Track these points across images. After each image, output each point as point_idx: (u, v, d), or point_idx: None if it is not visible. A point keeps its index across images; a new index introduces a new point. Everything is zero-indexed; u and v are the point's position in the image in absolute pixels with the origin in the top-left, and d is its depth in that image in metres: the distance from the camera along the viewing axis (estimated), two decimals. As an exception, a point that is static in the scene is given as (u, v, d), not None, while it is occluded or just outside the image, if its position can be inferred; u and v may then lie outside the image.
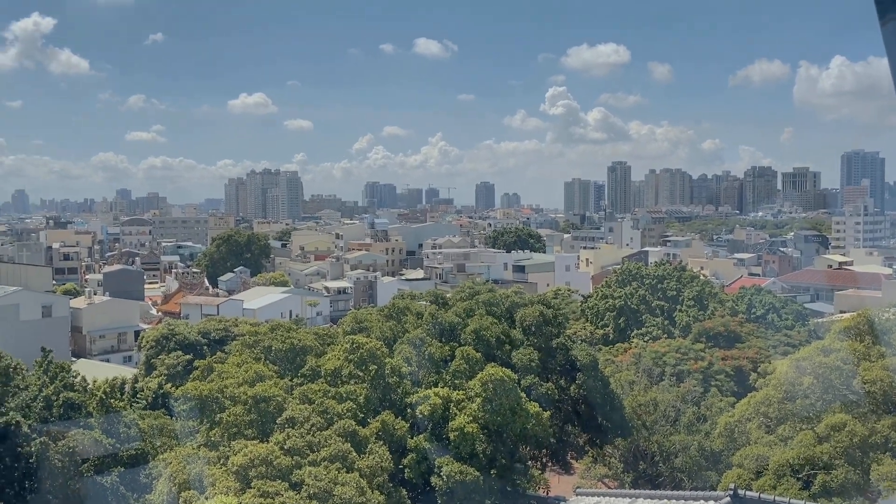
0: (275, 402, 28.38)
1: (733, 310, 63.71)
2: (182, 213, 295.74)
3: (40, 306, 71.52)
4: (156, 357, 55.88)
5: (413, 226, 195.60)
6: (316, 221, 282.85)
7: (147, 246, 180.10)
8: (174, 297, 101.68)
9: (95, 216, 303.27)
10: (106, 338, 79.30)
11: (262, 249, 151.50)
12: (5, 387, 31.32)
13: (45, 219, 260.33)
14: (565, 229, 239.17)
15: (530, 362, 33.68)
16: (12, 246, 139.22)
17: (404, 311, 41.49)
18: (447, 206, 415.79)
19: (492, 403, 29.60)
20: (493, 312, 38.08)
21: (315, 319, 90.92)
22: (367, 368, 31.33)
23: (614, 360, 49.70)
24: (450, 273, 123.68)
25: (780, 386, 31.73)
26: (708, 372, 50.33)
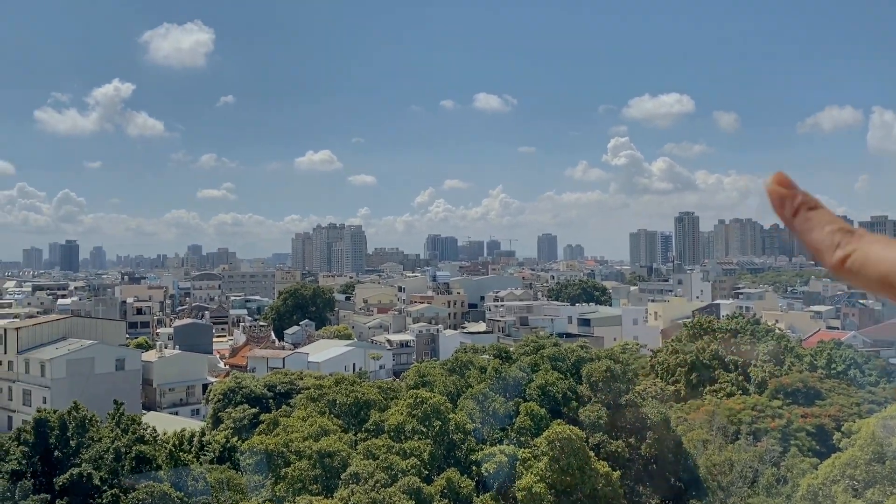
0: (339, 457, 28.18)
1: (812, 365, 60.90)
2: (250, 268, 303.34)
3: (114, 359, 73.62)
4: (223, 410, 56.53)
5: (474, 278, 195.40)
6: (379, 274, 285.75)
7: (216, 300, 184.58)
8: (241, 350, 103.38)
9: (168, 271, 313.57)
10: (175, 391, 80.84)
11: (326, 303, 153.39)
12: (81, 438, 32.03)
13: (121, 274, 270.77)
14: (632, 281, 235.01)
15: (598, 419, 32.71)
16: (89, 301, 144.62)
17: (467, 365, 41.06)
18: (509, 258, 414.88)
19: (559, 462, 28.73)
20: (559, 367, 37.30)
21: (378, 373, 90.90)
22: (431, 424, 30.91)
23: (686, 418, 47.84)
24: (512, 326, 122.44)
25: (868, 446, 29.91)
26: (787, 430, 47.89)
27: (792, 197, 1.38)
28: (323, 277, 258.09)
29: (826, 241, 1.31)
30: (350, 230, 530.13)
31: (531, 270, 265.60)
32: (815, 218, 1.35)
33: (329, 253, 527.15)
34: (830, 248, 1.29)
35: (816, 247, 1.32)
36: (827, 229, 1.32)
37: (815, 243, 1.33)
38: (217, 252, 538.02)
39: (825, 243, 1.30)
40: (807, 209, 1.37)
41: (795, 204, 1.37)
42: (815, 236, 1.32)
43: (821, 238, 1.31)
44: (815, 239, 1.33)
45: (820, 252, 1.32)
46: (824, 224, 1.33)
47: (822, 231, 1.32)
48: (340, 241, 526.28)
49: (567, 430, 29.04)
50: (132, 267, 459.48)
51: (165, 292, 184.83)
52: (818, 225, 1.34)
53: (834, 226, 1.33)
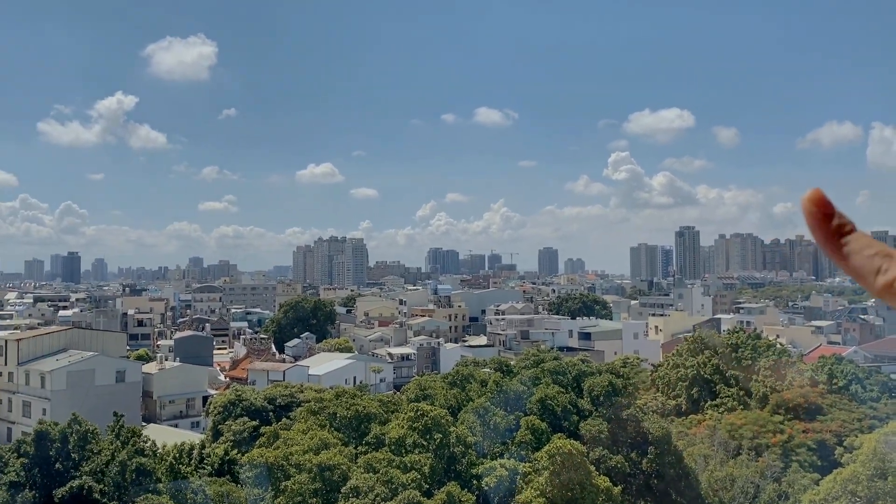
0: (339, 470, 28.13)
1: (813, 380, 60.75)
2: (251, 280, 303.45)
3: (115, 371, 73.57)
4: (223, 423, 56.41)
5: (476, 292, 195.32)
6: (380, 287, 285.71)
7: (217, 312, 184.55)
8: (242, 362, 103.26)
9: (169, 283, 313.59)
10: (175, 403, 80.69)
11: (327, 315, 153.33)
12: (81, 451, 32.00)
13: (122, 286, 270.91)
14: (632, 295, 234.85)
15: (599, 434, 32.67)
16: (90, 312, 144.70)
17: (468, 379, 41.04)
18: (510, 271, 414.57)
19: (560, 477, 28.67)
20: (560, 381, 37.29)
21: (378, 386, 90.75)
22: (432, 437, 30.87)
23: (687, 433, 47.72)
24: (513, 340, 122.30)
25: (870, 462, 29.84)
26: (788, 446, 47.75)
27: (829, 219, 1.35)
28: (324, 290, 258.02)
29: (867, 267, 1.29)
30: (351, 243, 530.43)
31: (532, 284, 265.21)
32: (853, 242, 1.32)
33: (330, 266, 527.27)
34: (872, 274, 1.28)
35: (858, 272, 1.31)
36: (867, 253, 1.30)
37: (856, 268, 1.31)
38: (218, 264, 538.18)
39: (866, 269, 1.29)
40: (842, 234, 1.34)
41: (833, 227, 1.34)
42: (855, 261, 1.31)
43: (861, 263, 1.30)
44: (855, 264, 1.31)
45: (862, 278, 1.31)
46: (863, 248, 1.32)
47: (862, 256, 1.30)
48: (342, 254, 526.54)
49: (568, 445, 28.99)
50: (133, 279, 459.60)
51: (166, 304, 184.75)
52: (857, 250, 1.32)
53: (873, 249, 1.31)
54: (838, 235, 1.33)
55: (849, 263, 1.31)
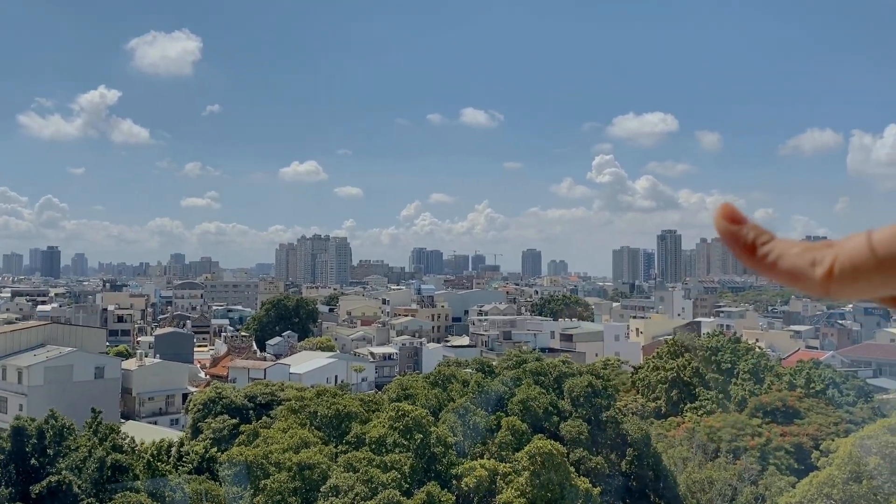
0: (319, 469, 28.07)
1: (791, 384, 61.40)
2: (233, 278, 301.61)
3: (93, 367, 72.89)
4: (202, 420, 56.06)
5: (459, 292, 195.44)
6: (363, 287, 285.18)
7: (198, 309, 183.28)
8: (222, 360, 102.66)
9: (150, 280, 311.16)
10: (154, 400, 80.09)
11: (309, 314, 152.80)
12: (58, 447, 31.71)
13: (102, 281, 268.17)
14: (614, 298, 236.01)
15: (579, 435, 32.83)
16: (70, 308, 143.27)
17: (450, 379, 41.09)
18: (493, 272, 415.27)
19: (539, 478, 28.78)
20: (541, 382, 37.43)
21: (360, 385, 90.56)
22: (413, 437, 30.89)
23: (667, 435, 48.06)
24: (496, 340, 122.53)
25: (845, 466, 30.21)
26: (766, 449, 48.22)
27: (744, 232, 1.23)
28: (307, 289, 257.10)
29: (800, 264, 1.15)
30: (335, 242, 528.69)
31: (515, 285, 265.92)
32: (777, 248, 1.20)
33: (313, 264, 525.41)
34: (809, 268, 1.13)
35: (791, 273, 1.17)
36: (794, 251, 1.17)
37: (789, 272, 1.17)
38: (200, 261, 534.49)
39: (800, 266, 1.15)
40: (762, 243, 1.22)
41: (749, 240, 1.21)
42: (785, 264, 1.17)
43: (793, 263, 1.16)
44: (786, 267, 1.17)
45: (799, 277, 1.17)
46: (789, 249, 1.19)
47: (791, 256, 1.17)
48: (325, 253, 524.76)
49: (548, 446, 29.11)
50: (114, 274, 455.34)
51: (147, 301, 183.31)
52: (783, 253, 1.19)
53: (799, 247, 1.18)
54: (757, 246, 1.22)
55: (778, 268, 1.18)
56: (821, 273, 1.13)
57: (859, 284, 1.10)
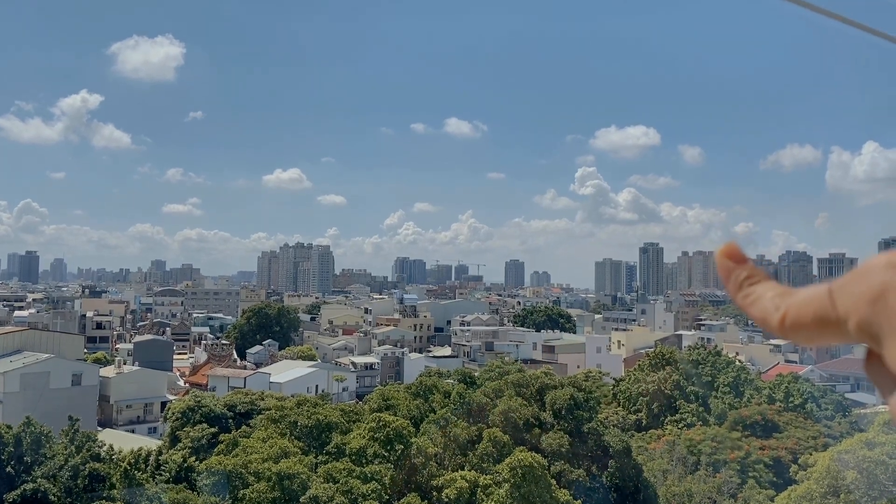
0: (299, 479, 27.88)
1: (770, 397, 61.89)
2: (214, 285, 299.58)
3: (71, 374, 72.04)
4: (181, 429, 55.50)
5: (442, 302, 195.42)
6: (346, 295, 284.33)
7: (178, 317, 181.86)
8: (202, 368, 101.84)
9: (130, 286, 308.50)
10: (133, 408, 79.26)
11: (291, 322, 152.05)
12: (34, 454, 31.27)
13: (81, 287, 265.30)
14: (596, 310, 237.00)
15: (560, 447, 32.85)
16: (48, 313, 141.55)
17: (431, 390, 41.01)
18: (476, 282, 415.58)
19: (520, 490, 28.76)
20: (523, 394, 37.44)
21: (341, 395, 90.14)
22: (393, 448, 30.77)
23: (647, 448, 48.22)
24: (478, 351, 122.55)
25: (823, 480, 30.45)
26: (745, 462, 48.51)
27: (738, 272, 1.39)
28: (288, 297, 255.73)
29: (766, 309, 1.30)
30: (318, 250, 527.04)
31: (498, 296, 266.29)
32: (757, 291, 1.35)
33: (296, 272, 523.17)
34: (770, 314, 1.29)
35: (760, 317, 1.32)
36: (768, 296, 1.32)
37: (758, 314, 1.33)
38: (181, 268, 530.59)
39: (766, 311, 1.30)
40: (749, 284, 1.37)
41: (740, 280, 1.37)
42: (757, 307, 1.32)
43: (762, 307, 1.31)
44: (757, 309, 1.33)
45: (762, 321, 1.31)
46: (766, 293, 1.33)
47: (763, 300, 1.32)
48: (308, 261, 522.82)
49: (529, 458, 29.10)
50: (94, 280, 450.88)
51: (127, 307, 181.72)
52: (760, 298, 1.33)
53: (773, 291, 1.33)
54: (746, 286, 1.38)
55: (752, 312, 1.34)
56: (775, 320, 1.28)
57: (803, 334, 1.25)
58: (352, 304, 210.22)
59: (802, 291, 1.26)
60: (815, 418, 59.51)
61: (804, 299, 1.25)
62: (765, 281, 1.36)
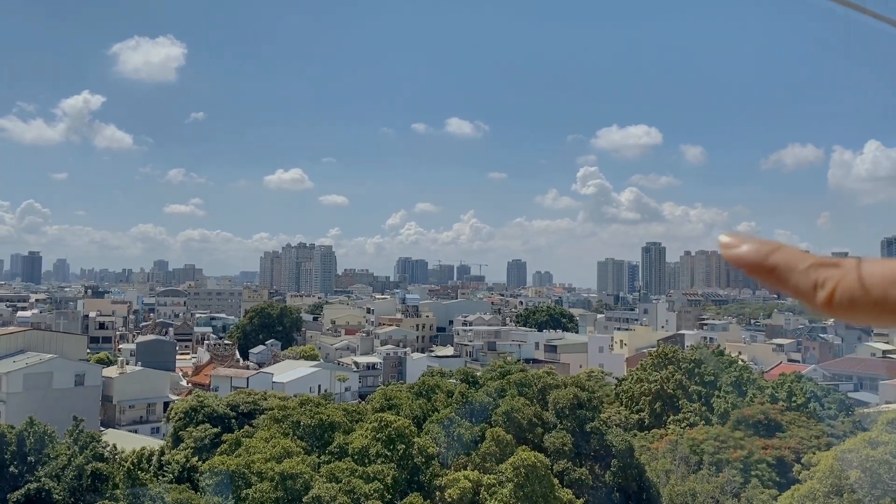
0: (301, 479, 27.89)
1: (773, 397, 61.77)
2: (217, 285, 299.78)
3: (73, 375, 72.14)
4: (183, 429, 55.57)
5: (444, 302, 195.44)
6: (348, 295, 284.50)
7: (181, 317, 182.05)
8: (205, 368, 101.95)
9: (132, 286, 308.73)
10: (135, 408, 79.36)
11: (293, 322, 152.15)
12: (38, 454, 31.33)
13: (84, 288, 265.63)
14: (598, 309, 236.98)
15: (563, 446, 32.83)
16: (50, 314, 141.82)
17: (434, 389, 41.00)
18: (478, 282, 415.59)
19: (523, 489, 28.75)
20: (525, 393, 37.43)
21: (344, 395, 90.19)
22: (396, 448, 30.77)
23: (650, 447, 48.18)
24: (480, 351, 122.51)
25: (826, 479, 30.41)
26: (748, 461, 48.44)
27: (748, 251, 1.22)
28: (291, 297, 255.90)
29: (803, 283, 1.15)
30: (320, 250, 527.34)
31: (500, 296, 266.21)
32: (782, 262, 1.19)
33: (298, 272, 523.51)
34: (811, 289, 1.14)
35: (797, 292, 1.16)
36: (801, 268, 1.16)
37: (794, 289, 1.17)
38: (183, 268, 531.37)
39: (803, 286, 1.15)
40: (768, 256, 1.21)
41: (758, 256, 1.21)
42: (791, 281, 1.17)
43: (797, 281, 1.16)
44: (792, 284, 1.17)
45: (802, 296, 1.16)
46: (797, 264, 1.18)
47: (797, 273, 1.17)
48: (310, 261, 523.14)
49: (532, 457, 29.10)
50: (96, 281, 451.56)
51: (129, 307, 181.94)
52: (789, 268, 1.18)
53: (806, 262, 1.17)
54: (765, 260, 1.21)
55: (789, 284, 1.18)
56: (822, 297, 1.13)
57: (858, 315, 1.11)
58: (354, 304, 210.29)
59: (857, 268, 1.11)
60: (818, 417, 59.42)
61: (868, 277, 1.09)
62: (784, 248, 1.22)
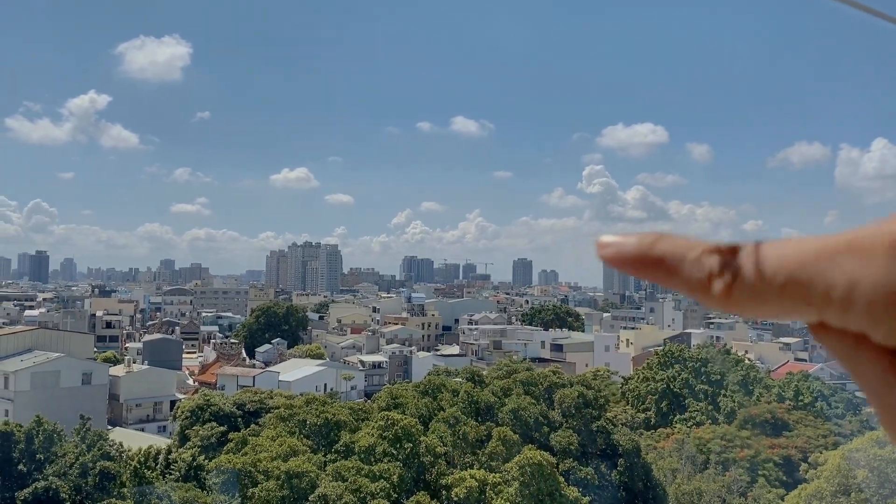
0: (308, 478, 27.94)
1: (780, 396, 61.61)
2: (223, 284, 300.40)
3: (81, 373, 72.41)
4: (190, 428, 55.71)
5: (450, 301, 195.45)
6: (354, 294, 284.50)
7: (187, 316, 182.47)
8: (211, 367, 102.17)
9: (139, 285, 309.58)
10: (142, 406, 79.62)
11: (299, 321, 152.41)
12: (46, 453, 31.48)
13: (91, 287, 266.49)
14: (604, 308, 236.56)
15: (569, 445, 32.82)
16: (58, 313, 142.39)
17: (440, 388, 41.00)
18: (484, 281, 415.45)
19: (529, 488, 28.73)
20: (531, 392, 37.42)
21: (349, 394, 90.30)
22: (402, 446, 30.80)
23: (656, 446, 48.10)
24: (486, 350, 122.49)
25: (833, 478, 30.32)
26: (755, 461, 48.31)
27: (628, 244, 0.93)
28: (297, 296, 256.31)
29: (696, 274, 0.89)
30: (326, 249, 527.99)
31: (506, 294, 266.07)
32: (669, 251, 0.91)
33: (304, 271, 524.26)
34: (706, 280, 0.88)
35: (690, 284, 0.90)
36: (691, 256, 0.90)
37: (686, 281, 0.90)
38: (190, 267, 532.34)
39: (696, 277, 0.89)
40: (652, 246, 0.92)
41: (641, 248, 0.91)
42: (682, 273, 0.90)
43: (689, 272, 0.89)
44: (684, 276, 0.90)
45: (696, 289, 0.90)
46: (686, 252, 0.91)
47: (688, 263, 0.90)
48: (316, 260, 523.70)
49: (538, 456, 29.09)
50: (103, 280, 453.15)
51: (136, 306, 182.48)
52: (678, 258, 0.90)
53: (697, 250, 0.90)
54: (652, 252, 0.92)
55: (680, 276, 0.91)
56: (719, 288, 0.87)
57: (763, 306, 0.86)
58: (360, 302, 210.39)
59: (750, 256, 0.86)
60: (825, 416, 59.24)
61: (773, 260, 0.85)
62: (667, 238, 0.93)
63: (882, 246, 0.80)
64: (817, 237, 0.88)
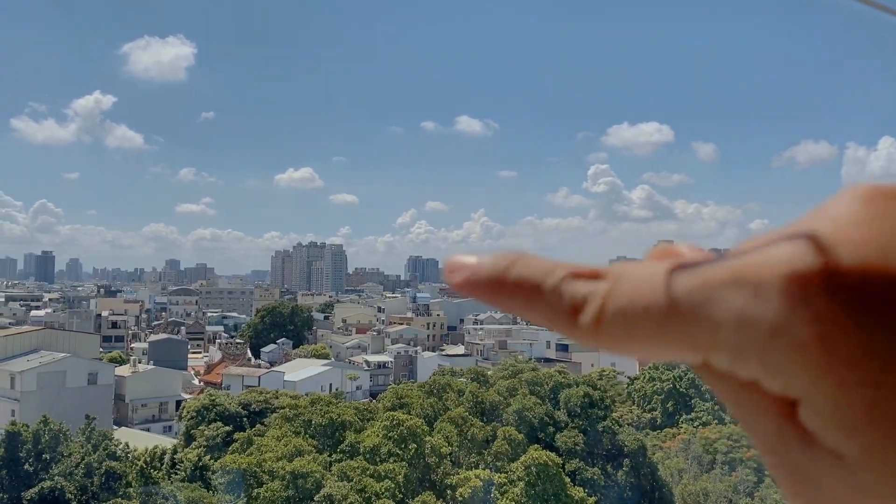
0: (313, 478, 27.93)
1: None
2: (229, 284, 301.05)
3: (86, 373, 72.59)
4: (196, 428, 55.77)
5: (455, 301, 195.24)
6: (359, 294, 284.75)
7: (193, 316, 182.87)
8: (216, 367, 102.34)
9: (144, 285, 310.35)
10: (148, 407, 79.78)
11: (304, 321, 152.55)
12: (52, 453, 31.55)
13: (97, 287, 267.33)
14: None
15: (575, 445, 32.75)
16: (64, 313, 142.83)
17: (445, 388, 40.98)
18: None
19: (535, 488, 28.67)
20: (537, 392, 37.36)
21: (355, 394, 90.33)
22: (407, 446, 30.77)
23: (662, 446, 47.98)
24: (491, 350, 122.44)
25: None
26: (761, 461, 48.15)
27: (480, 268, 0.70)
28: (302, 296, 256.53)
29: (557, 304, 0.66)
30: (331, 249, 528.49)
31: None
32: (525, 275, 0.68)
33: (309, 271, 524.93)
34: (570, 312, 0.65)
35: (551, 317, 0.66)
36: (550, 283, 0.67)
37: (546, 313, 0.67)
38: (195, 267, 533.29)
39: (557, 307, 0.66)
40: (507, 270, 0.68)
41: (494, 271, 0.68)
42: (542, 303, 0.67)
43: (550, 302, 0.66)
44: (544, 307, 0.67)
45: (559, 322, 0.66)
46: (544, 277, 0.68)
47: (547, 291, 0.67)
48: (321, 260, 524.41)
49: (544, 456, 29.03)
50: (109, 280, 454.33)
51: (142, 306, 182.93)
52: (535, 285, 0.67)
53: (557, 275, 0.67)
54: (508, 277, 0.69)
55: (538, 307, 0.67)
56: (587, 322, 0.64)
57: (636, 342, 0.61)
58: (365, 302, 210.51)
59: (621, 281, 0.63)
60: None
61: (636, 292, 0.62)
62: (523, 259, 0.70)
63: (775, 278, 0.54)
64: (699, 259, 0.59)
